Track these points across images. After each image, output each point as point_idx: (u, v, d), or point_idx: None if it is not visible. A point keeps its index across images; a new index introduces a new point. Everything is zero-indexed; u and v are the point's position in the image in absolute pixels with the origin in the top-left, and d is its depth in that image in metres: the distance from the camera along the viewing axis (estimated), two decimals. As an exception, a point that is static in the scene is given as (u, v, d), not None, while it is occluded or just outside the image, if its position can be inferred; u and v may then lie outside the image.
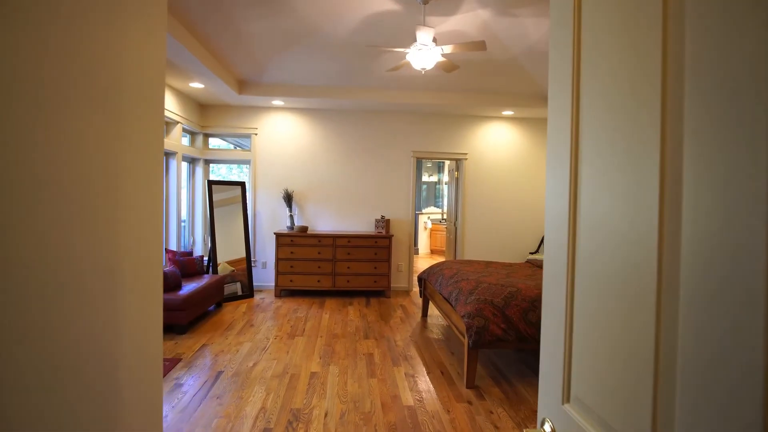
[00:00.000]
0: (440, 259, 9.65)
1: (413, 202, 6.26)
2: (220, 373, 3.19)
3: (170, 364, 3.30)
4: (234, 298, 5.42)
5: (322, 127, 6.11)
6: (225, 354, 3.56)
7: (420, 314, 4.98)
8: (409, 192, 6.25)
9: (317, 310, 5.01)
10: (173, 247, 5.12)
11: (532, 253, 6.29)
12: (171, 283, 4.20)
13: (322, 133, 6.11)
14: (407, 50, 3.39)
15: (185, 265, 4.84)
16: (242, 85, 5.36)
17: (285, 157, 6.07)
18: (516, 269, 4.38)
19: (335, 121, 6.13)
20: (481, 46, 3.57)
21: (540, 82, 5.01)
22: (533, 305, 3.17)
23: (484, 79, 5.04)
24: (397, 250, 6.26)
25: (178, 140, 5.17)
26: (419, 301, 5.59)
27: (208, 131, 5.98)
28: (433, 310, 5.11)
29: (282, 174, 6.07)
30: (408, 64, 3.92)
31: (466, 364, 3.08)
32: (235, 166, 7.62)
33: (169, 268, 4.39)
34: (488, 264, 4.57)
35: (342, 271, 5.66)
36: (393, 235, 5.94)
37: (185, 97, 5.37)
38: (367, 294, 5.91)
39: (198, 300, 4.30)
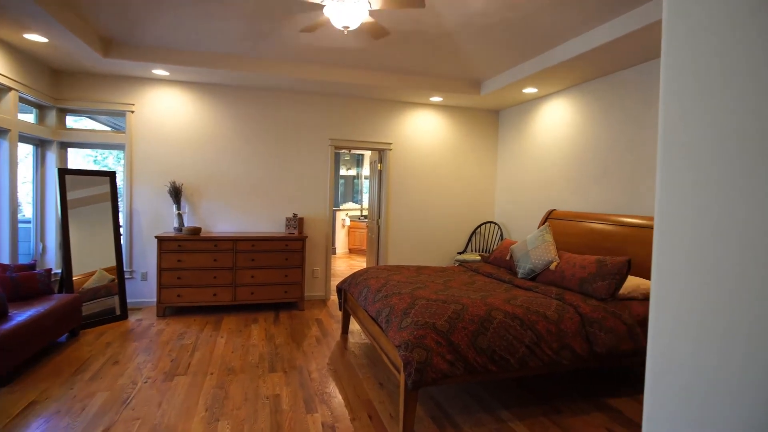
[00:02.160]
0: (359, 258, 8.95)
1: (331, 197, 5.46)
2: (44, 452, 2.14)
3: (-39, 445, 2.16)
4: (104, 319, 4.19)
5: (220, 106, 5.04)
6: (63, 416, 2.48)
7: (339, 330, 4.21)
8: (327, 186, 5.43)
9: (211, 333, 4.01)
10: (5, 258, 3.78)
11: (460, 253, 5.82)
12: (-11, 312, 2.96)
13: (221, 113, 5.05)
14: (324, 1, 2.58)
15: (20, 284, 3.55)
16: (109, 45, 4.13)
17: (172, 142, 4.91)
18: (451, 275, 3.79)
19: (237, 99, 5.09)
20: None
21: (476, 64, 4.47)
22: (483, 326, 2.55)
23: (412, 58, 4.38)
24: (313, 252, 5.41)
25: (11, 114, 3.81)
26: (338, 313, 4.81)
27: (65, 105, 4.61)
28: (355, 324, 4.37)
29: (168, 163, 4.90)
30: (327, 24, 3.12)
31: (402, 410, 2.37)
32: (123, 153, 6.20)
33: (-11, 289, 3.13)
34: (420, 270, 3.93)
35: (245, 282, 4.69)
36: (307, 236, 5.09)
37: (24, 57, 4.01)
38: (277, 307, 5.00)
39: (33, 333, 3.10)
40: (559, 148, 4.82)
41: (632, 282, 3.15)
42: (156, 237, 4.45)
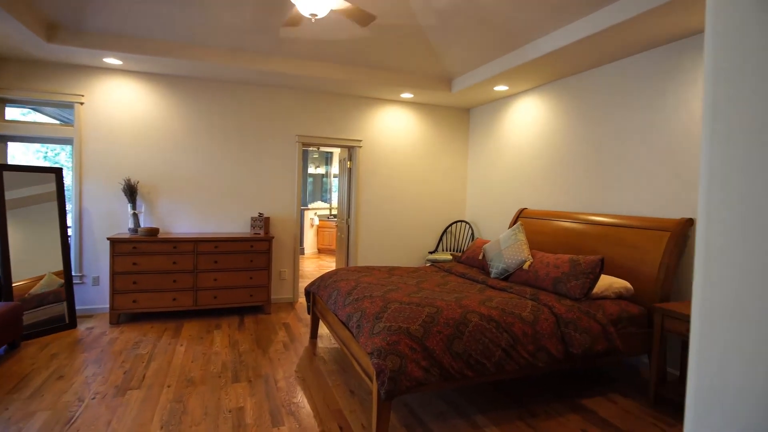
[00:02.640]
0: (329, 259, 8.76)
1: (299, 196, 5.26)
2: (-31, 485, 1.89)
3: None
4: (50, 328, 3.85)
5: (180, 99, 4.75)
6: (-6, 441, 2.22)
7: (308, 335, 4.04)
8: (294, 184, 5.23)
9: (170, 341, 3.76)
10: (-68, 263, 3.41)
11: (431, 252, 5.74)
12: None
13: (180, 107, 4.75)
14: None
15: (-50, 291, 3.20)
16: (53, 29, 3.79)
17: (126, 137, 4.59)
18: (424, 275, 3.69)
19: (197, 92, 4.81)
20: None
21: (447, 61, 4.38)
22: (458, 330, 2.46)
23: (382, 53, 4.25)
24: (280, 253, 5.20)
25: (-61, 103, 3.44)
26: (307, 316, 4.63)
27: (3, 95, 4.22)
28: (324, 328, 4.21)
29: (122, 159, 4.58)
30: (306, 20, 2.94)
31: (375, 420, 2.24)
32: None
33: None
34: (392, 271, 3.81)
35: (207, 285, 4.43)
36: (274, 237, 4.88)
37: (-45, 41, 3.63)
38: (241, 311, 4.77)
39: (-37, 347, 2.79)
40: (530, 147, 4.81)
41: (605, 281, 3.14)
42: (108, 239, 4.14)
